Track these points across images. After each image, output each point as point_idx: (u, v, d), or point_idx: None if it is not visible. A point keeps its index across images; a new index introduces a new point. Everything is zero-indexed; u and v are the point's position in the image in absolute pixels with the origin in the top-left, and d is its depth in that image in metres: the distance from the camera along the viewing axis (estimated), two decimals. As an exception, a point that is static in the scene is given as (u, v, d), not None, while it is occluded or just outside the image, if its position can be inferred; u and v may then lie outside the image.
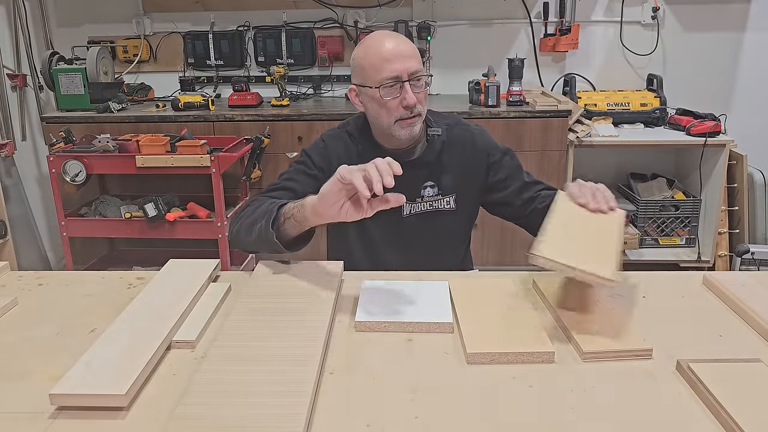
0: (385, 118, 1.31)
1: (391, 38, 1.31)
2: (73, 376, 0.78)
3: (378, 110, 1.32)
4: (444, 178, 1.40)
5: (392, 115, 1.30)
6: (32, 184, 3.19)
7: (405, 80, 1.27)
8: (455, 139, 1.40)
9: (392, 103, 1.28)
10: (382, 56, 1.28)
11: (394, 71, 1.27)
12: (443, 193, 1.40)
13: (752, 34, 3.07)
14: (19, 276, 1.19)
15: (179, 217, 2.49)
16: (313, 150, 1.41)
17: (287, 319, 0.94)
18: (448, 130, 1.41)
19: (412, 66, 1.28)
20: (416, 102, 1.28)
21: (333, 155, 1.39)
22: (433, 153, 1.39)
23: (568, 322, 0.94)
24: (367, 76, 1.31)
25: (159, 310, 0.96)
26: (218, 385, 0.77)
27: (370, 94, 1.31)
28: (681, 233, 2.91)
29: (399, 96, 1.28)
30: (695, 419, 0.73)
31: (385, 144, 1.38)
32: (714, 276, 1.10)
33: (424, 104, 1.32)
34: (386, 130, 1.33)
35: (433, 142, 1.39)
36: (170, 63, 3.24)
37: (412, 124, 1.31)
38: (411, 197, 1.38)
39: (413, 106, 1.28)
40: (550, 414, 0.75)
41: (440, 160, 1.39)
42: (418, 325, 0.94)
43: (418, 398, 0.78)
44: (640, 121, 2.92)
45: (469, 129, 1.43)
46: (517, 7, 3.08)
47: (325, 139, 1.43)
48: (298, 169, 1.37)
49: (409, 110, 1.28)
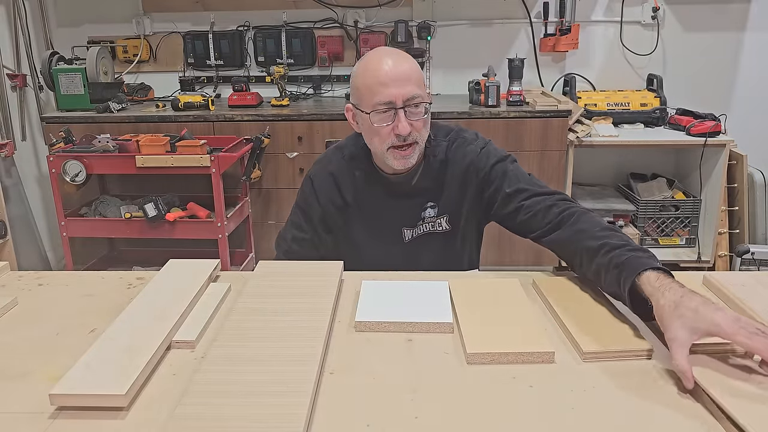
0: (377, 144, 1.25)
1: (390, 58, 1.22)
2: (73, 376, 0.78)
3: (370, 136, 1.26)
4: (443, 197, 1.34)
5: (384, 143, 1.23)
6: (32, 184, 3.19)
7: (399, 107, 1.19)
8: (453, 157, 1.33)
9: (384, 130, 1.21)
10: (378, 78, 1.20)
11: (389, 96, 1.19)
12: (439, 214, 1.35)
13: (752, 34, 3.07)
14: (19, 276, 1.19)
15: (179, 217, 2.49)
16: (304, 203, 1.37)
17: (287, 319, 0.94)
18: (447, 148, 1.34)
19: (409, 91, 1.19)
20: (409, 131, 1.20)
21: (324, 197, 1.35)
22: (432, 175, 1.33)
23: (568, 322, 0.94)
24: (362, 97, 1.24)
25: (159, 310, 0.96)
26: (218, 385, 0.77)
27: (363, 118, 1.24)
28: (681, 233, 2.91)
29: (392, 123, 1.21)
30: (695, 419, 0.73)
31: (385, 170, 1.32)
32: (714, 276, 1.10)
33: (421, 132, 1.24)
34: (380, 157, 1.28)
35: (432, 163, 1.33)
36: (170, 63, 3.24)
37: (407, 155, 1.24)
38: (412, 223, 1.35)
39: (405, 135, 1.20)
40: (550, 414, 0.75)
41: (438, 181, 1.33)
42: (418, 325, 0.94)
43: (418, 398, 0.78)
44: (640, 121, 2.93)
45: (467, 145, 1.34)
46: (517, 7, 3.08)
47: (313, 179, 1.37)
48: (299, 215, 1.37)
49: (401, 139, 1.21)
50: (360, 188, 1.35)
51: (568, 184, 2.75)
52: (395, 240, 1.36)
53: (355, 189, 1.35)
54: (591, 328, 0.92)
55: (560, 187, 2.72)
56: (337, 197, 1.35)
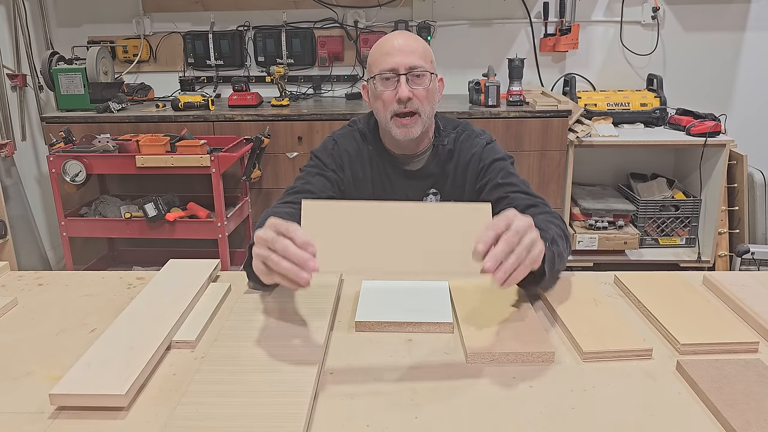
0: (381, 112, 1.29)
1: (401, 36, 1.29)
2: (73, 376, 0.78)
3: (375, 104, 1.30)
4: (446, 186, 1.38)
5: (387, 109, 1.27)
6: (32, 184, 3.19)
7: (402, 73, 1.25)
8: (460, 148, 1.37)
9: (387, 95, 1.27)
10: (385, 50, 1.27)
11: (392, 63, 1.25)
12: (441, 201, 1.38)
13: (752, 34, 3.07)
14: (19, 276, 1.19)
15: (179, 217, 2.49)
16: (323, 152, 1.38)
17: (287, 319, 0.94)
18: (456, 139, 1.38)
19: (412, 61, 1.25)
20: (410, 96, 1.25)
21: (344, 154, 1.37)
22: (439, 162, 1.37)
23: (568, 322, 0.94)
24: (371, 68, 1.30)
25: (159, 310, 0.96)
26: (218, 385, 0.77)
27: (370, 86, 1.31)
28: (681, 233, 2.91)
29: (394, 89, 1.26)
30: (695, 419, 0.73)
31: (393, 149, 1.36)
32: (714, 276, 1.10)
33: (423, 103, 1.27)
34: (385, 128, 1.31)
35: (440, 151, 1.37)
36: (170, 63, 3.24)
37: (408, 124, 1.27)
38: None
39: (405, 99, 1.24)
40: (550, 414, 0.75)
41: (444, 169, 1.37)
42: (418, 325, 0.94)
43: (418, 398, 0.78)
44: (640, 121, 2.93)
45: (474, 138, 1.38)
46: (517, 7, 3.08)
47: (336, 138, 1.41)
48: (311, 173, 1.35)
49: (402, 104, 1.25)
50: (370, 163, 1.38)
51: (568, 184, 2.75)
52: None
53: (366, 164, 1.38)
54: (591, 328, 0.92)
55: (560, 187, 2.73)
56: (356, 157, 1.38)
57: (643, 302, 1.00)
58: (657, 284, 1.07)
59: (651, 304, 0.99)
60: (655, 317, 0.95)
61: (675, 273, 1.13)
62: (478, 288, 1.07)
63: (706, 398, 0.75)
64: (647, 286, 1.06)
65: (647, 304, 0.99)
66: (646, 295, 1.02)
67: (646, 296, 1.02)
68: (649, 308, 0.98)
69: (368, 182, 1.38)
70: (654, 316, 0.96)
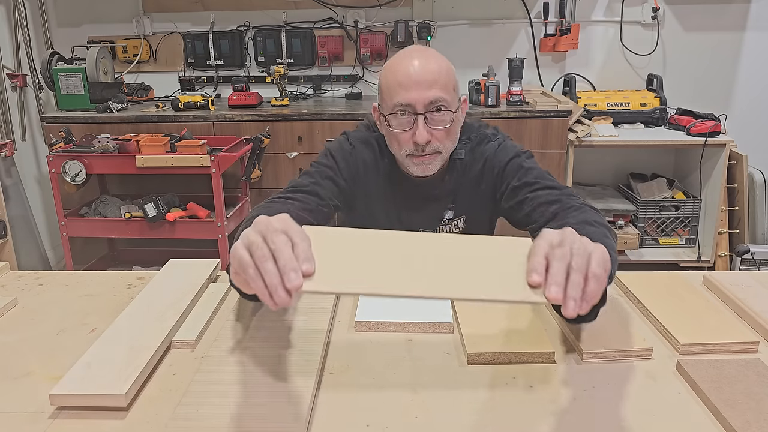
0: (395, 149, 1.16)
1: (417, 58, 1.11)
2: (73, 376, 0.78)
3: (390, 140, 1.17)
4: (460, 200, 1.27)
5: (402, 149, 1.14)
6: (32, 184, 3.19)
7: (419, 113, 1.09)
8: (472, 157, 1.25)
9: (402, 136, 1.12)
10: (399, 79, 1.10)
11: (407, 99, 1.09)
12: (456, 216, 1.28)
13: (752, 34, 3.07)
14: (18, 276, 1.19)
15: (179, 217, 2.49)
16: (339, 153, 1.23)
17: (287, 319, 0.94)
18: (471, 150, 1.25)
19: (433, 95, 1.08)
20: (428, 140, 1.10)
21: (360, 164, 1.23)
22: (455, 177, 1.25)
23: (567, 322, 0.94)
24: (383, 98, 1.15)
25: (159, 310, 0.96)
26: (218, 385, 0.77)
27: (382, 120, 1.16)
28: (681, 233, 2.91)
29: (410, 129, 1.11)
30: (695, 419, 0.73)
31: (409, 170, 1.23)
32: (714, 276, 1.10)
33: (444, 142, 1.14)
34: (401, 162, 1.20)
35: (457, 165, 1.25)
36: (170, 63, 3.24)
37: (427, 162, 1.14)
38: (431, 226, 1.29)
39: (423, 144, 1.11)
40: (550, 414, 0.74)
41: (461, 184, 1.26)
42: (418, 325, 0.94)
43: (418, 398, 0.78)
44: (640, 121, 2.93)
45: (486, 143, 1.25)
46: (517, 7, 3.08)
47: (353, 143, 1.25)
48: (323, 173, 1.20)
49: (419, 149, 1.12)
50: (383, 179, 1.26)
51: (568, 184, 2.74)
52: None
53: (386, 178, 1.25)
54: (592, 328, 0.92)
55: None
56: (372, 169, 1.24)
57: (643, 302, 1.00)
58: (657, 284, 1.06)
59: (651, 304, 0.99)
60: (655, 317, 0.95)
61: (675, 273, 1.13)
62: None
63: (706, 398, 0.75)
64: (647, 286, 1.06)
65: (647, 304, 0.99)
66: (646, 295, 1.02)
67: (646, 296, 1.02)
68: (649, 308, 0.98)
69: (381, 199, 1.27)
70: (654, 316, 0.96)
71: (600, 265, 0.64)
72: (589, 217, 1.00)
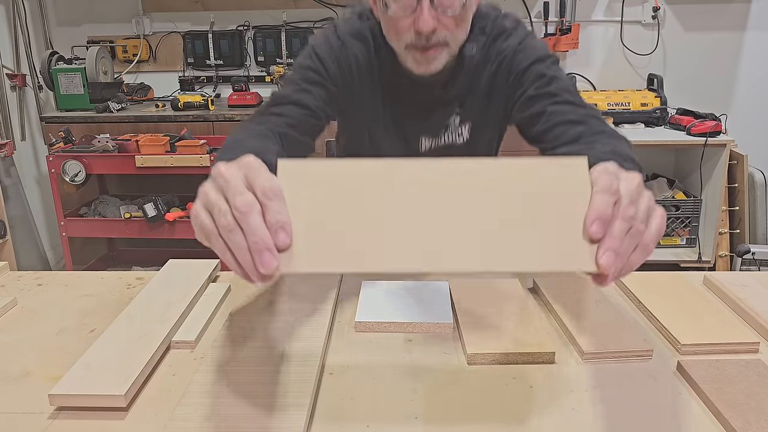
0: (393, 40, 0.98)
1: None
2: (73, 376, 0.78)
3: (386, 29, 0.98)
4: (468, 104, 1.09)
5: (401, 39, 0.95)
6: (32, 184, 3.19)
7: None
8: (487, 55, 1.05)
9: (402, 23, 0.93)
10: None
11: None
12: (461, 121, 1.11)
13: (752, 34, 3.07)
14: (18, 276, 1.19)
15: (179, 217, 2.49)
16: (326, 51, 1.04)
17: (287, 319, 0.94)
18: (484, 46, 1.06)
19: None
20: (433, 28, 0.91)
21: (353, 62, 1.05)
22: (465, 76, 1.06)
23: (568, 322, 0.93)
24: None
25: (158, 310, 0.96)
26: (218, 385, 0.77)
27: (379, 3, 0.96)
28: (681, 233, 2.91)
29: (412, 15, 0.92)
30: (695, 419, 0.73)
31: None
32: (715, 276, 1.10)
33: (454, 32, 0.95)
34: (400, 55, 1.01)
35: (466, 63, 1.05)
36: (170, 63, 3.24)
37: (429, 57, 0.95)
38: (434, 131, 1.12)
39: (426, 33, 0.91)
40: (550, 414, 0.74)
41: (470, 87, 1.08)
42: (418, 325, 0.94)
43: (418, 398, 0.77)
44: (640, 121, 2.93)
45: (505, 40, 1.05)
46: (517, 7, 3.08)
47: (342, 37, 1.06)
48: (308, 78, 1.03)
49: (422, 38, 0.93)
50: (379, 79, 1.09)
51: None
52: (409, 148, 1.11)
53: (380, 76, 1.08)
54: (591, 328, 0.92)
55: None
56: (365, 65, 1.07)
57: (643, 302, 1.00)
58: (657, 284, 1.06)
59: (651, 304, 0.99)
60: (656, 317, 0.95)
61: (675, 273, 1.13)
62: (478, 288, 1.06)
63: (707, 399, 0.75)
64: (647, 286, 1.06)
65: (647, 304, 0.99)
66: (647, 296, 1.02)
67: (647, 296, 1.02)
68: (649, 308, 0.98)
69: (377, 103, 1.10)
70: (654, 317, 0.96)
71: (656, 238, 0.54)
72: (622, 149, 0.85)
